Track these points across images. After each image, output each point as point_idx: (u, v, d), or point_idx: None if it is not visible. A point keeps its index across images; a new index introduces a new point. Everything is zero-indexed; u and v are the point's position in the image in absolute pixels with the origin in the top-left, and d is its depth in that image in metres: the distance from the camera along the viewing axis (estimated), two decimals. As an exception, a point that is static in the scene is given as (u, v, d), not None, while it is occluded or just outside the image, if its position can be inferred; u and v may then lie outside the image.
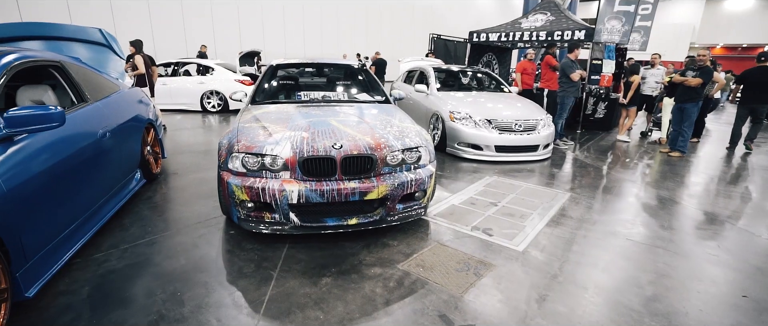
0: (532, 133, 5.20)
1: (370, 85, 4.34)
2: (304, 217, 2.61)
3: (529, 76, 7.88)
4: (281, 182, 2.50)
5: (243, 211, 2.59)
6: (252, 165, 2.55)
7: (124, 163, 3.18)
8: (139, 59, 6.23)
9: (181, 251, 2.57)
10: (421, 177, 2.76)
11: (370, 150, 2.62)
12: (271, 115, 3.20)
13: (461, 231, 3.00)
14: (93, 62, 3.93)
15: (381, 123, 3.10)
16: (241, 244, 2.67)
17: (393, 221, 2.77)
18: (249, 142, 2.63)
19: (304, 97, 3.84)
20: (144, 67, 6.29)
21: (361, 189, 2.55)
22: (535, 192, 4.01)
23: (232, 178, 2.55)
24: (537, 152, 5.31)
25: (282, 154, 2.54)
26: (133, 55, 6.22)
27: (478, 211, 3.43)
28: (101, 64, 3.85)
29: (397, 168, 2.73)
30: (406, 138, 2.88)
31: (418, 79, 6.97)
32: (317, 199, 2.50)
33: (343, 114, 3.28)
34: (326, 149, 2.55)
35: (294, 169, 2.52)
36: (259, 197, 2.49)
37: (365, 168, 2.61)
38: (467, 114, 5.26)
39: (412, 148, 2.82)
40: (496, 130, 5.12)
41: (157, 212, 3.20)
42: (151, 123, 3.96)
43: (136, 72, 6.19)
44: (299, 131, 2.76)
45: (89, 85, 3.05)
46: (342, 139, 2.68)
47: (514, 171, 4.78)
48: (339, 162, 2.54)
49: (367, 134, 2.80)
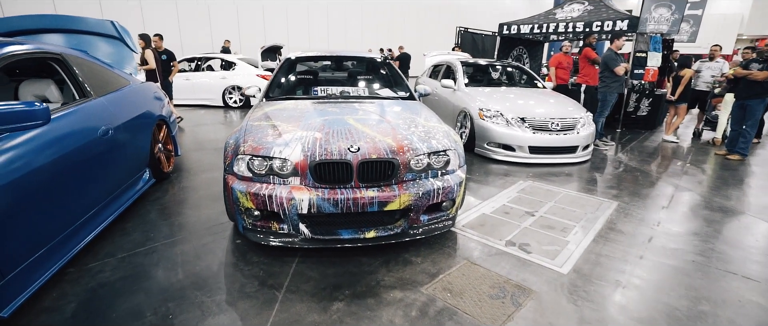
0: (570, 132, 4.72)
1: (393, 79, 4.00)
2: (316, 229, 2.31)
3: (564, 70, 7.32)
4: (290, 189, 2.21)
5: (248, 220, 2.32)
6: (259, 169, 2.27)
7: (130, 162, 2.98)
8: (148, 54, 6.11)
9: (182, 262, 2.33)
10: (449, 184, 2.41)
11: (392, 153, 2.29)
12: (284, 112, 2.92)
13: (494, 247, 2.63)
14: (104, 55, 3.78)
15: (404, 122, 2.76)
16: (246, 256, 2.41)
17: (416, 235, 2.43)
18: (256, 143, 2.35)
19: (321, 93, 3.55)
20: (154, 62, 6.18)
21: (380, 199, 2.22)
22: (576, 201, 3.57)
23: (236, 183, 2.28)
24: (575, 154, 4.83)
25: (291, 157, 2.24)
26: (143, 50, 6.11)
27: (513, 222, 3.05)
28: (112, 58, 3.69)
29: (421, 174, 2.39)
30: (433, 139, 2.53)
31: (445, 74, 6.57)
32: (330, 209, 2.19)
33: (362, 111, 2.96)
34: (341, 152, 2.24)
35: (304, 175, 2.22)
36: (265, 205, 2.21)
37: (385, 175, 2.29)
38: (498, 111, 4.84)
39: (440, 152, 2.47)
40: (530, 129, 4.68)
41: (163, 215, 2.99)
42: (163, 119, 3.77)
43: (146, 67, 6.07)
44: (312, 131, 2.46)
45: (94, 80, 2.86)
46: (360, 140, 2.36)
47: (550, 175, 4.34)
48: (355, 167, 2.22)
49: (388, 135, 2.47)
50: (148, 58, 6.10)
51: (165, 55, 6.68)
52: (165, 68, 6.71)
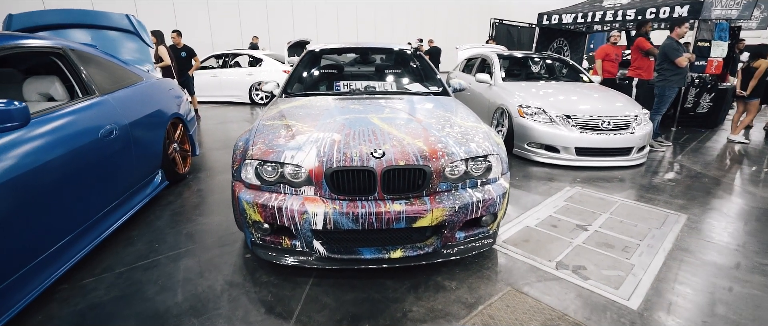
0: (623, 132, 4.17)
1: (424, 72, 3.61)
2: (333, 246, 1.99)
3: (612, 63, 6.65)
4: (303, 201, 1.89)
5: (257, 234, 2.03)
6: (268, 176, 1.97)
7: (139, 164, 2.78)
8: (162, 50, 5.98)
9: (183, 280, 2.07)
10: (490, 196, 2.02)
11: (423, 159, 1.93)
12: (301, 109, 2.61)
13: (543, 270, 2.22)
14: (127, 52, 3.62)
15: (438, 121, 2.39)
16: (254, 275, 2.12)
17: (451, 255, 2.06)
18: (266, 146, 2.05)
19: (344, 88, 3.22)
20: (168, 58, 6.06)
21: (408, 214, 1.87)
22: (635, 212, 3.07)
23: (243, 192, 2.00)
24: (629, 156, 4.27)
25: (305, 163, 1.92)
26: (156, 46, 5.99)
27: (563, 238, 2.61)
28: (134, 54, 3.52)
29: (458, 183, 2.01)
30: (472, 142, 2.14)
31: (480, 68, 6.10)
32: (349, 225, 1.86)
33: (389, 109, 2.61)
34: (363, 157, 1.90)
35: (320, 184, 1.90)
36: (274, 219, 1.91)
37: (415, 185, 1.93)
38: (540, 108, 4.35)
39: (480, 157, 2.08)
40: (576, 128, 4.17)
41: (173, 222, 2.77)
42: (178, 117, 3.58)
43: (161, 64, 5.95)
44: (330, 132, 2.14)
45: (100, 76, 2.66)
46: (385, 143, 2.01)
47: (600, 181, 3.83)
48: (379, 175, 1.88)
49: (418, 137, 2.11)
50: (163, 54, 5.99)
51: (185, 52, 6.57)
52: (185, 65, 6.60)
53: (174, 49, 6.51)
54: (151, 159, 3.02)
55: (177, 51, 6.50)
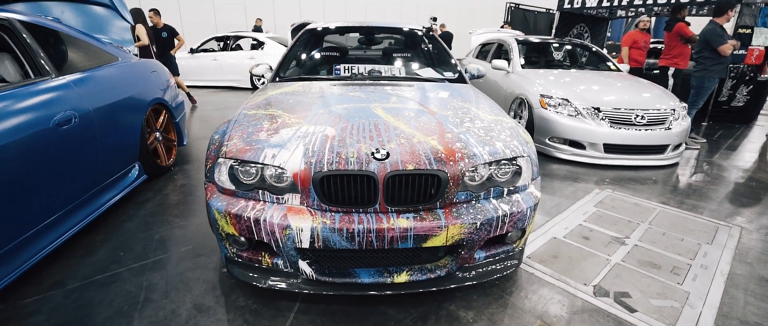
0: (658, 127, 3.72)
1: (438, 56, 3.18)
2: (323, 267, 1.62)
3: (640, 51, 6.11)
4: (285, 213, 1.51)
5: (232, 249, 1.67)
6: (245, 179, 1.60)
7: (108, 157, 2.42)
8: (140, 29, 5.57)
9: (144, 302, 1.72)
10: (519, 209, 1.63)
11: (437, 162, 1.53)
12: (291, 97, 2.22)
13: (578, 297, 1.83)
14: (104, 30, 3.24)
15: (455, 114, 1.98)
16: (229, 297, 1.76)
17: (467, 280, 1.68)
18: (243, 142, 1.66)
19: (344, 72, 2.81)
20: (147, 38, 5.67)
21: (418, 231, 1.48)
22: (679, 223, 2.65)
23: (215, 198, 1.62)
24: (664, 155, 3.82)
25: (288, 164, 1.54)
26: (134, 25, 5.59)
27: (598, 254, 2.21)
28: (100, 29, 3.13)
29: (480, 192, 1.62)
30: (497, 141, 1.74)
31: (496, 54, 5.64)
32: (343, 244, 1.48)
33: (396, 98, 2.20)
34: (362, 159, 1.51)
35: (306, 192, 1.52)
36: (251, 233, 1.54)
37: (426, 194, 1.54)
38: (565, 98, 3.90)
39: (507, 160, 1.67)
40: (606, 122, 3.72)
41: (144, 225, 2.41)
42: (161, 103, 3.20)
43: (139, 44, 5.56)
44: (322, 125, 1.74)
45: (60, 54, 2.29)
46: (390, 140, 1.61)
47: (632, 182, 3.40)
48: (382, 182, 1.49)
49: (432, 133, 1.71)
50: (140, 34, 5.59)
51: (165, 32, 6.15)
52: (167, 45, 6.20)
53: (154, 29, 6.12)
54: (125, 150, 2.66)
55: (158, 31, 6.10)
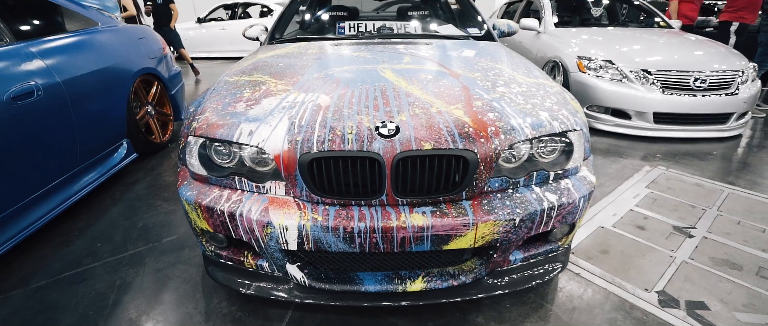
0: (721, 92, 3.17)
1: (461, 11, 2.72)
2: (319, 271, 1.30)
3: (692, 5, 5.36)
4: (265, 206, 1.18)
5: (210, 247, 1.37)
6: (220, 162, 1.27)
7: (87, 134, 2.14)
8: None
9: (113, 305, 1.46)
10: (570, 199, 1.24)
11: (463, 138, 1.16)
12: (283, 59, 1.85)
13: (638, 306, 1.46)
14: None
15: (484, 76, 1.57)
16: (212, 300, 1.48)
17: (499, 288, 1.33)
18: (216, 116, 1.32)
19: (349, 31, 2.39)
20: (133, 7, 5.32)
21: (437, 231, 1.13)
22: (755, 208, 2.20)
23: (185, 186, 1.31)
24: (726, 125, 3.29)
25: (269, 144, 1.19)
26: None
27: (659, 248, 1.81)
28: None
29: (519, 178, 1.24)
30: (541, 110, 1.33)
31: (524, 13, 5.06)
32: (340, 247, 1.16)
33: (409, 57, 1.80)
34: (362, 135, 1.15)
35: (292, 179, 1.18)
36: (226, 230, 1.23)
37: (449, 182, 1.17)
38: (609, 60, 3.38)
39: (553, 136, 1.28)
40: (657, 87, 3.20)
41: (129, 210, 2.16)
42: (152, 73, 2.90)
43: (126, 14, 5.22)
44: (315, 92, 1.38)
45: (21, 17, 1.98)
46: (401, 111, 1.24)
47: (688, 157, 2.92)
48: (390, 166, 1.13)
49: (456, 100, 1.32)
50: (127, 3, 5.25)
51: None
52: (165, 16, 5.83)
53: None
54: (108, 127, 2.38)
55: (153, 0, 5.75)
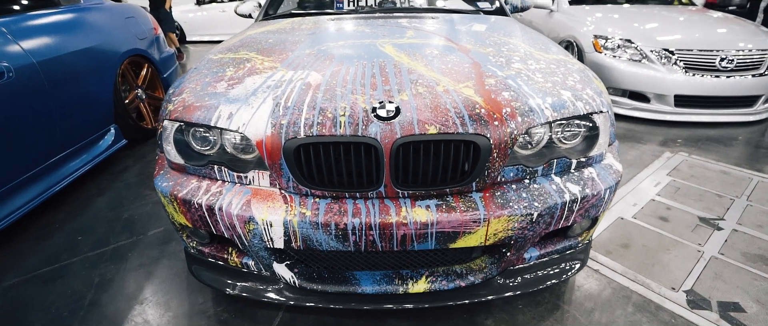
0: (748, 73, 2.96)
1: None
2: (310, 271, 1.17)
3: (714, -19, 5.08)
4: (247, 199, 1.04)
5: (191, 243, 1.24)
6: (199, 148, 1.13)
7: (67, 119, 2.01)
8: None
9: (89, 306, 1.35)
10: (596, 190, 1.09)
11: (473, 120, 1.00)
12: (274, 36, 1.68)
13: (664, 307, 1.31)
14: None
15: (497, 51, 1.40)
16: (197, 299, 1.36)
17: (511, 288, 1.19)
18: (193, 97, 1.17)
19: (348, 5, 2.21)
20: None
21: (443, 227, 0.99)
22: (789, 197, 2.03)
23: (161, 175, 1.18)
24: (753, 108, 3.08)
25: (250, 128, 1.04)
26: None
27: (685, 242, 1.66)
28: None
29: (536, 166, 1.08)
30: (562, 88, 1.16)
31: (536, -10, 4.78)
32: (331, 245, 1.02)
33: (412, 31, 1.63)
34: (357, 117, 0.99)
35: (277, 168, 1.03)
36: (206, 225, 1.09)
37: (457, 171, 1.02)
38: (627, 39, 3.17)
39: (577, 118, 1.11)
40: (680, 68, 2.99)
41: (115, 201, 2.04)
42: (142, 54, 2.75)
43: None
44: (305, 70, 1.22)
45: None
46: (402, 90, 1.08)
47: (711, 143, 2.73)
48: (388, 153, 0.97)
49: (465, 77, 1.16)
50: None
51: None
52: None
53: None
54: (93, 111, 2.24)
55: None
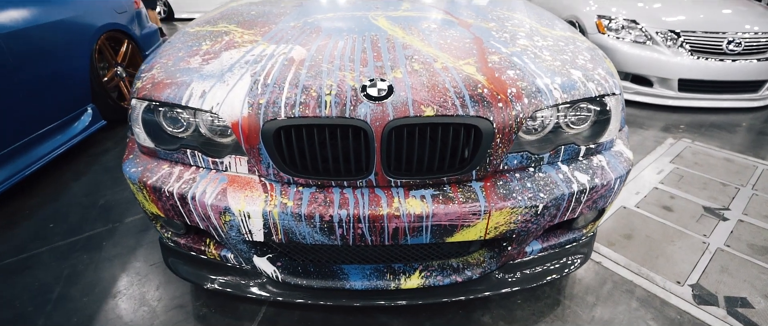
0: (754, 57, 2.86)
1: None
2: (294, 264, 1.08)
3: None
4: (223, 188, 0.94)
5: (165, 233, 1.14)
6: (171, 130, 1.01)
7: (35, 98, 1.87)
8: None
9: (56, 301, 1.25)
10: (606, 179, 1.00)
11: (474, 101, 0.89)
12: (256, 7, 1.54)
13: (670, 302, 1.25)
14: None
15: (500, 26, 1.28)
16: (174, 293, 1.27)
17: (511, 284, 1.11)
18: (164, 73, 1.05)
19: (339, -22, 2.06)
20: None
21: (439, 219, 0.89)
22: (795, 185, 1.97)
23: (130, 160, 1.07)
24: (758, 93, 3.00)
25: (224, 108, 0.92)
26: None
27: (689, 233, 1.59)
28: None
29: (542, 153, 0.99)
30: (572, 68, 1.05)
31: (537, -31, 4.60)
32: (317, 239, 0.92)
33: (408, 4, 1.51)
34: (344, 96, 0.88)
35: (255, 153, 0.92)
36: (179, 215, 0.99)
37: (456, 157, 0.92)
38: (632, 19, 3.05)
39: (588, 100, 1.01)
40: (686, 51, 2.88)
41: (92, 186, 1.92)
42: (120, 30, 2.58)
43: None
44: (288, 43, 1.10)
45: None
46: (396, 66, 0.97)
47: (714, 129, 2.66)
48: (379, 137, 0.87)
49: (465, 53, 1.05)
50: None
51: None
52: None
53: None
54: (66, 90, 2.10)
55: None
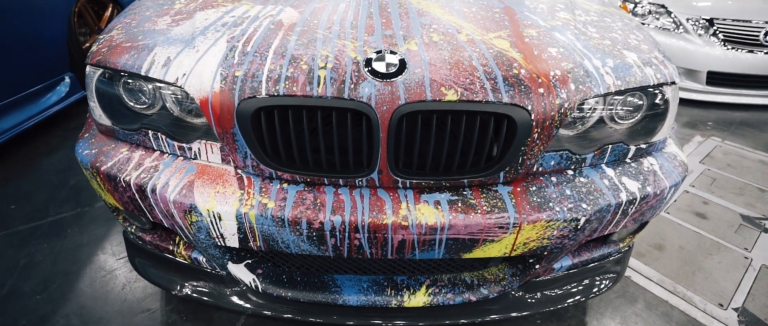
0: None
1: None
2: (278, 271, 0.91)
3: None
4: (189, 180, 0.76)
5: (128, 226, 0.97)
6: (133, 105, 0.82)
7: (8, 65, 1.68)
8: None
9: (7, 295, 1.09)
10: (659, 188, 0.81)
11: (509, 84, 0.70)
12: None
13: (715, 329, 1.08)
14: None
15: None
16: (142, 296, 1.10)
17: (534, 306, 0.94)
18: (124, 36, 0.85)
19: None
20: None
21: (457, 231, 0.71)
22: (840, 194, 1.78)
23: (84, 140, 0.89)
24: (791, 90, 2.78)
25: (191, 80, 0.74)
26: None
27: (728, 245, 1.41)
28: None
29: (585, 151, 0.80)
30: (625, 49, 0.85)
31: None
32: (304, 248, 0.74)
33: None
34: (342, 70, 0.69)
35: (229, 138, 0.74)
36: (137, 209, 0.81)
37: (478, 156, 0.74)
38: (661, 4, 2.81)
39: (643, 90, 0.81)
40: (718, 40, 2.66)
41: (64, 163, 1.74)
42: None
43: None
44: (277, 4, 0.90)
45: None
46: (410, 36, 0.77)
47: (745, 127, 2.46)
48: (385, 125, 0.68)
49: (496, 25, 0.85)
50: None
51: None
52: None
53: None
54: (39, 57, 1.89)
55: None
